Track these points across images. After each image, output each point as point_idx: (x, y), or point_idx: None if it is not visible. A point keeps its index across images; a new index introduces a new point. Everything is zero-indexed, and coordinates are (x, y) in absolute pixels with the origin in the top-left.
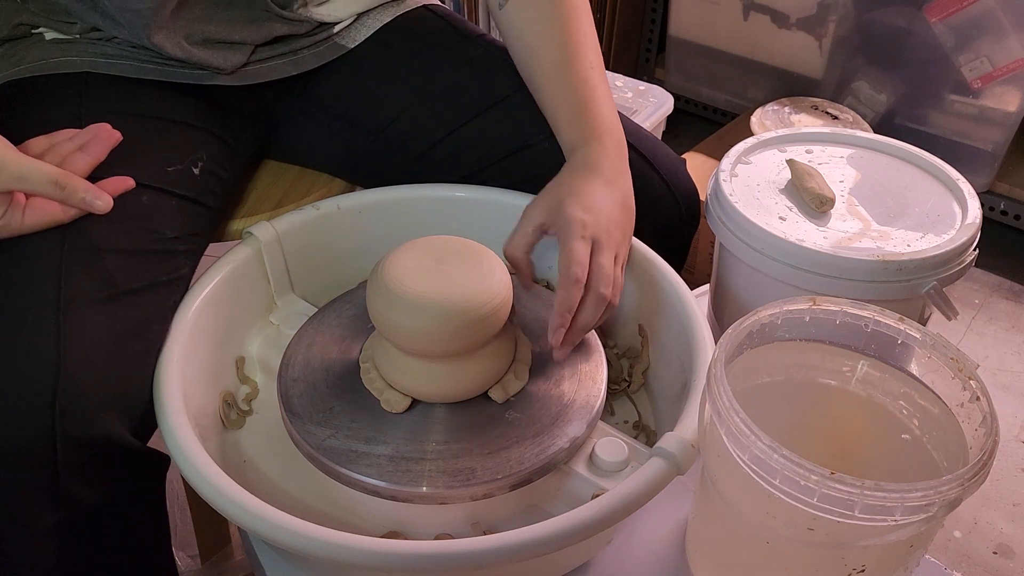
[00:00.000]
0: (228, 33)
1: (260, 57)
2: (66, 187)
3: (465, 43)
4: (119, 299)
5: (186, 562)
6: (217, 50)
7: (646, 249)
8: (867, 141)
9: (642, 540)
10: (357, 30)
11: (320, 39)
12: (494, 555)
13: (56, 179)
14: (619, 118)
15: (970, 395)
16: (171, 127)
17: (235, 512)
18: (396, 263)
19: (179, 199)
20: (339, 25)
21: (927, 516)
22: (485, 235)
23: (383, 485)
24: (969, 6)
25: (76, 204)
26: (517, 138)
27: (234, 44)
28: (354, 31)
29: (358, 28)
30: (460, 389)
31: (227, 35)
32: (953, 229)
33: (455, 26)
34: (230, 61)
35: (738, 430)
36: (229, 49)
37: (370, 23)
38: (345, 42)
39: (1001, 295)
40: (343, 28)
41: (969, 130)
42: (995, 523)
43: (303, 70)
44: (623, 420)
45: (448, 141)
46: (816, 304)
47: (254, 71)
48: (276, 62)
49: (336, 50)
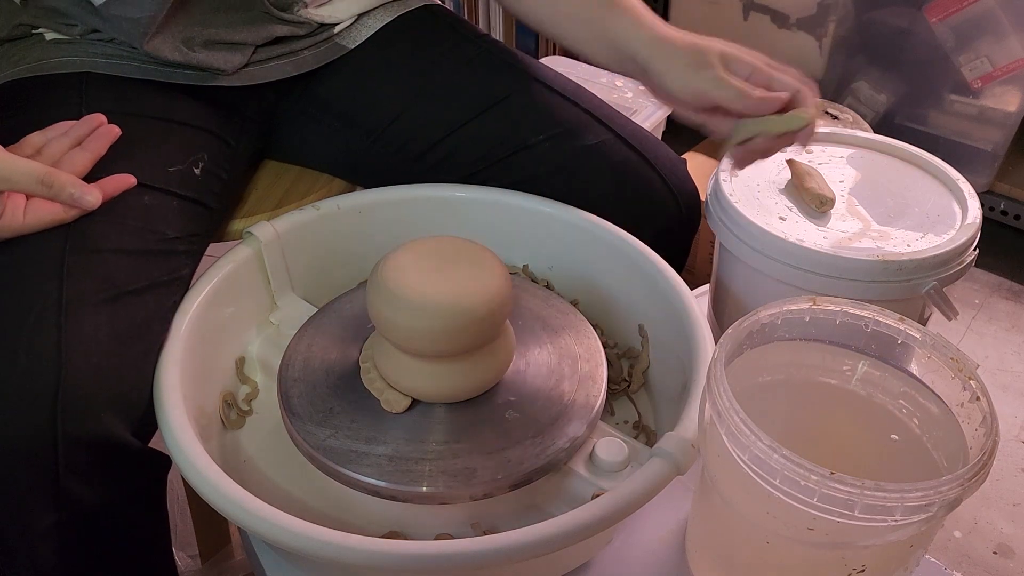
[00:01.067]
0: (228, 35)
1: (261, 58)
2: (53, 184)
3: (465, 43)
4: (120, 299)
5: (186, 562)
6: (217, 51)
7: (646, 249)
8: (867, 141)
9: (642, 540)
10: (358, 30)
11: (321, 39)
12: (494, 555)
13: (41, 177)
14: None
15: (970, 395)
16: (172, 127)
17: (235, 512)
18: (396, 263)
19: (180, 199)
20: (339, 25)
21: (927, 516)
22: (485, 235)
23: (383, 485)
24: (969, 6)
25: (65, 200)
26: (517, 138)
27: (234, 45)
28: (355, 31)
29: (359, 28)
30: (460, 389)
31: (227, 36)
32: (953, 229)
33: (455, 26)
34: (230, 62)
35: (738, 430)
36: (229, 50)
37: (371, 23)
38: (346, 42)
39: (1001, 295)
40: (343, 28)
41: (969, 130)
42: (995, 523)
43: (304, 70)
44: (623, 420)
45: (448, 141)
46: (816, 304)
47: (255, 72)
48: (277, 62)
49: (337, 50)
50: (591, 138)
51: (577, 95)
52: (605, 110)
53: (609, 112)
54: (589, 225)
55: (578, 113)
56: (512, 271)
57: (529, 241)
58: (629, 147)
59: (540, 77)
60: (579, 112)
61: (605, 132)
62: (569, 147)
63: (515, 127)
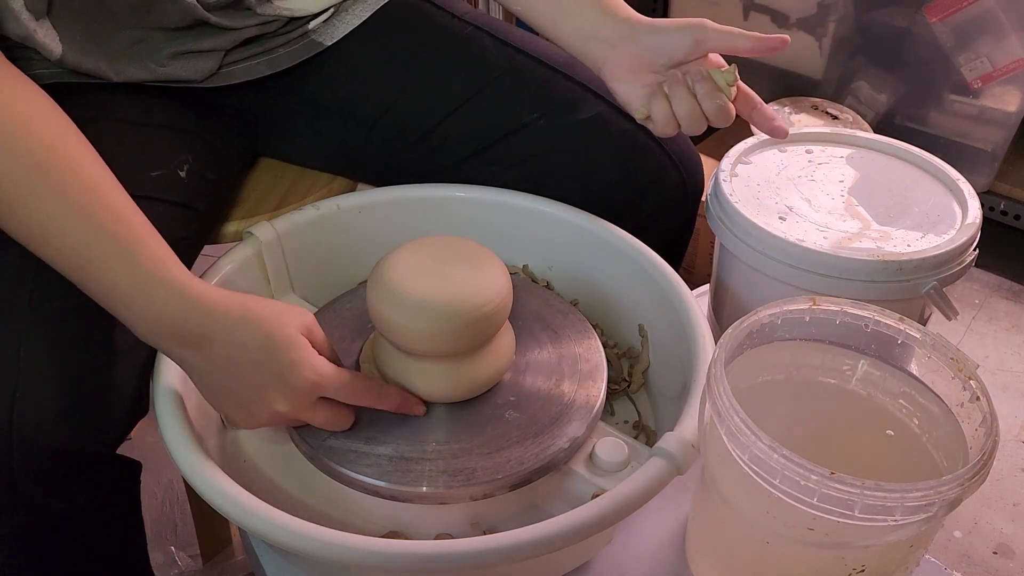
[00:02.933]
0: (195, 44)
1: (233, 59)
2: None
3: (451, 25)
4: (88, 306)
5: (186, 562)
6: (187, 60)
7: (646, 249)
8: (867, 141)
9: (642, 540)
10: (335, 26)
11: (295, 37)
12: (494, 555)
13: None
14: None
15: (970, 395)
16: (151, 131)
17: (235, 512)
18: (396, 263)
19: (165, 204)
20: (314, 21)
21: (927, 516)
22: (485, 235)
23: (383, 485)
24: (969, 6)
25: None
26: (512, 117)
27: (203, 52)
28: (331, 27)
29: (336, 25)
30: (460, 389)
31: (194, 46)
32: (953, 229)
33: (440, 7)
34: (199, 70)
35: (738, 430)
36: (198, 58)
37: (349, 19)
38: (322, 39)
39: (1001, 295)
40: (319, 24)
41: (969, 130)
42: (995, 523)
43: (278, 69)
44: (623, 420)
45: (443, 126)
46: (816, 304)
47: (227, 73)
48: (251, 62)
49: (312, 47)
50: (587, 111)
51: (571, 67)
52: (599, 80)
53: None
54: (589, 225)
55: (572, 87)
56: (512, 271)
57: (529, 241)
58: (626, 117)
59: (532, 52)
60: (573, 86)
61: (601, 104)
62: (565, 122)
63: (509, 106)
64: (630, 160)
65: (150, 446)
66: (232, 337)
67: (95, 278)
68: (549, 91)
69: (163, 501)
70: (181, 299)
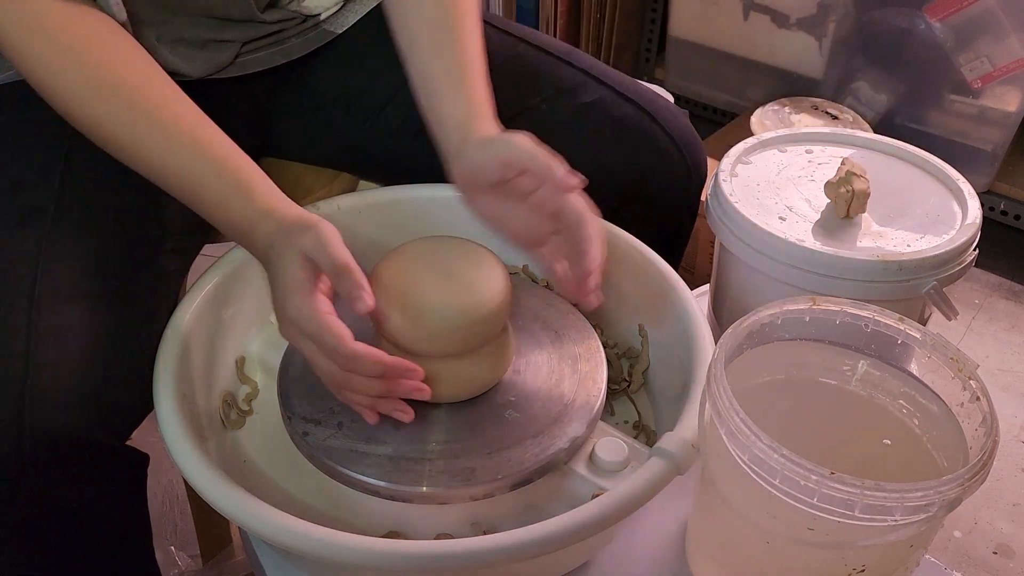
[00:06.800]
0: (217, 33)
1: (248, 50)
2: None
3: None
4: (98, 295)
5: (186, 562)
6: (207, 50)
7: (646, 249)
8: (867, 141)
9: (642, 540)
10: (344, 16)
11: (307, 27)
12: (494, 555)
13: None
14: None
15: (970, 395)
16: None
17: (235, 512)
18: (396, 263)
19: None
20: (325, 12)
21: (927, 516)
22: (485, 235)
23: (383, 485)
24: (969, 6)
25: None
26: (514, 103)
27: (223, 43)
28: (341, 17)
29: (345, 14)
30: (460, 389)
31: (216, 35)
32: (953, 229)
33: None
34: (215, 62)
35: (738, 430)
36: (216, 49)
37: (358, 8)
38: (333, 28)
39: (1001, 295)
40: (330, 16)
41: (969, 130)
42: (995, 523)
43: (292, 57)
44: (623, 420)
45: None
46: (816, 304)
47: (242, 63)
48: (265, 52)
49: (324, 36)
50: (588, 96)
51: (571, 56)
52: (601, 68)
53: (605, 69)
54: None
55: (573, 73)
56: (512, 271)
57: None
58: (628, 101)
59: (533, 41)
60: (574, 72)
61: (603, 89)
62: (567, 106)
63: (511, 92)
64: (633, 144)
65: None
66: (280, 256)
67: (208, 207)
68: (551, 77)
69: (163, 501)
70: (275, 223)
